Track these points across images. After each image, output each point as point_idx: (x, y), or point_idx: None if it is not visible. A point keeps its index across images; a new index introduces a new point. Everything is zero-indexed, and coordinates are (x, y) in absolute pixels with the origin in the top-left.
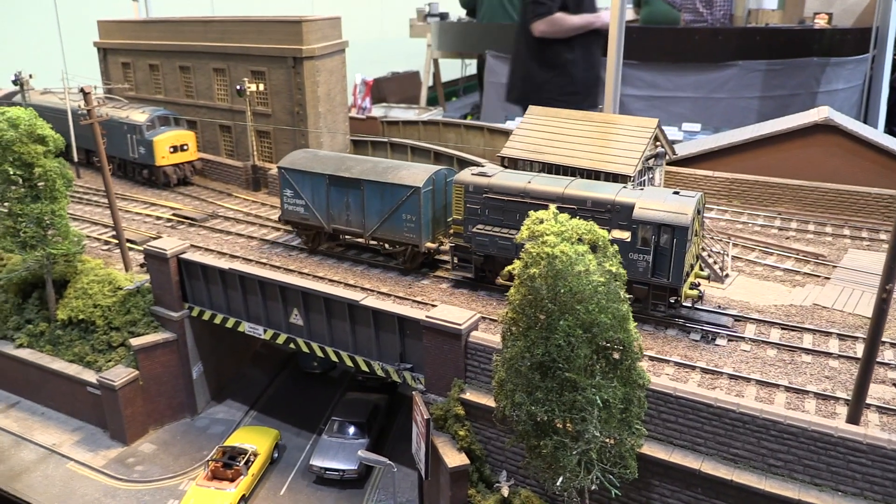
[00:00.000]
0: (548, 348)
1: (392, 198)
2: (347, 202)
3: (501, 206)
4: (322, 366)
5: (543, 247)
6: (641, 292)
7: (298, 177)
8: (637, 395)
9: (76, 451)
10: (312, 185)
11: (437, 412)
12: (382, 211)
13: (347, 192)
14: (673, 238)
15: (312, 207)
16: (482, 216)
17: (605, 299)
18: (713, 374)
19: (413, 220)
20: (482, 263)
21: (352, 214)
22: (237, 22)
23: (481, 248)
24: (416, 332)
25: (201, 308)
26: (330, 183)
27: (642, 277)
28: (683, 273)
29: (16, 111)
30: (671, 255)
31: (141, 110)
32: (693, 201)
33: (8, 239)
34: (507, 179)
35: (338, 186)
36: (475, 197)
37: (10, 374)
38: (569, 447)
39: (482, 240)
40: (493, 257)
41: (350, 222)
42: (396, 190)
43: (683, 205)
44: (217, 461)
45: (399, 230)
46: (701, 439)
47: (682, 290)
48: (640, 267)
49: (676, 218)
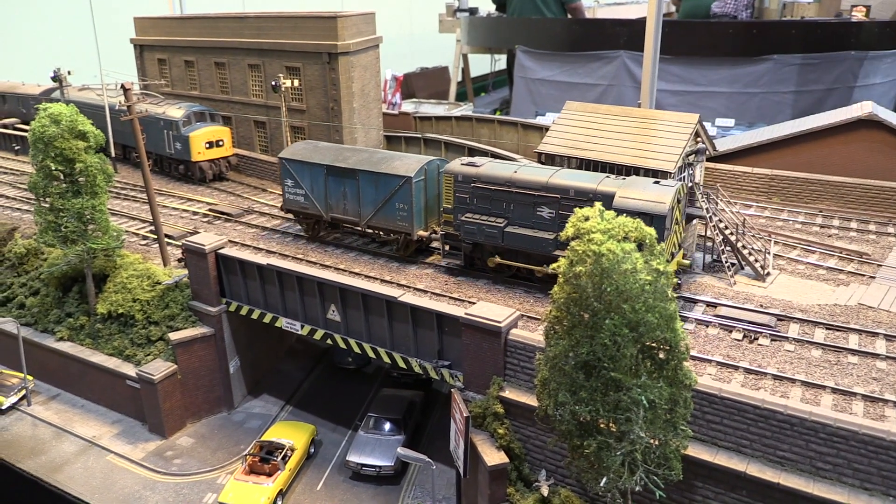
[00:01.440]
0: (593, 347)
1: (385, 187)
2: (344, 191)
3: (489, 195)
4: (356, 361)
5: (590, 244)
6: None
7: (298, 167)
8: (683, 396)
9: (116, 443)
10: (311, 175)
11: (476, 410)
12: (377, 200)
13: (344, 181)
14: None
15: (312, 196)
16: (471, 205)
17: (653, 298)
18: (757, 374)
19: (405, 208)
20: (471, 251)
21: (348, 203)
22: (272, 18)
23: (470, 235)
24: (455, 329)
25: (239, 303)
26: (328, 173)
27: None
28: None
29: (57, 107)
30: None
31: (177, 106)
32: (671, 191)
33: (49, 233)
34: (494, 169)
35: (335, 176)
36: (464, 186)
37: (51, 367)
38: (613, 447)
39: (470, 228)
40: (482, 245)
41: (347, 211)
42: (389, 180)
43: (662, 194)
44: (255, 456)
45: (392, 218)
46: (746, 441)
47: None
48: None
49: (655, 206)
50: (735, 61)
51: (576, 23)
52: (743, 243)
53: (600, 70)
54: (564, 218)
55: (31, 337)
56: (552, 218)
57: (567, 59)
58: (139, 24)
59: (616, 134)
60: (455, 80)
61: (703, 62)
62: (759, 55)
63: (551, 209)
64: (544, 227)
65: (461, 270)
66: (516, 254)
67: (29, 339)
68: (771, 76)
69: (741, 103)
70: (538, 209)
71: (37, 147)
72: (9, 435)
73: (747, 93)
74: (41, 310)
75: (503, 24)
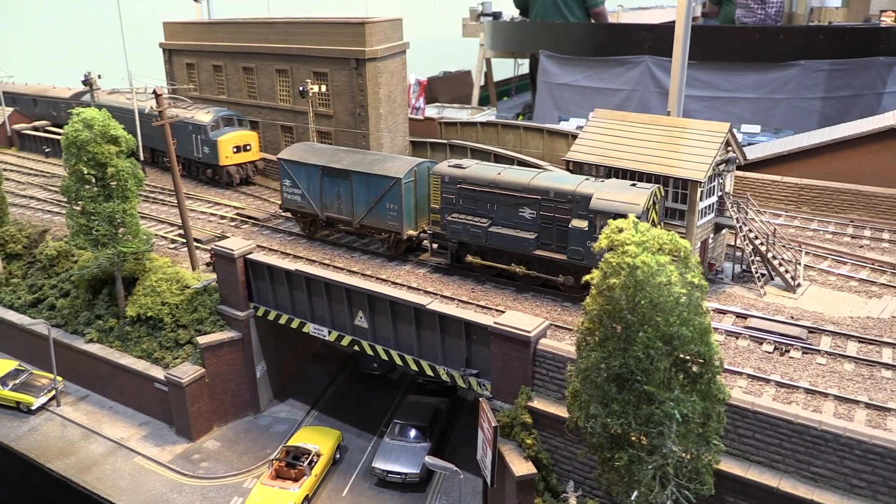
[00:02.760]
0: (626, 360)
1: (377, 188)
2: (339, 191)
3: (474, 195)
4: (381, 368)
5: (624, 257)
6: None
7: (295, 167)
8: (716, 410)
9: (143, 445)
10: (308, 176)
11: (504, 419)
12: (369, 200)
13: (338, 182)
14: None
15: (308, 196)
16: (457, 205)
17: (687, 311)
18: (788, 388)
19: (395, 208)
20: (457, 250)
21: (342, 203)
22: (300, 24)
23: (455, 235)
24: (483, 338)
25: (266, 308)
26: (323, 173)
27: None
28: None
29: (90, 112)
30: None
31: (206, 111)
32: (647, 193)
33: (81, 236)
34: (479, 171)
35: (330, 177)
36: (451, 187)
37: (80, 368)
38: (644, 461)
39: (456, 227)
40: (467, 244)
41: (341, 210)
42: (380, 180)
43: (637, 195)
44: (281, 460)
45: (383, 218)
46: (779, 456)
47: None
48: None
49: (629, 208)
50: (761, 66)
51: (600, 27)
52: (773, 253)
53: (624, 75)
54: (545, 218)
55: (60, 338)
56: (533, 218)
57: (591, 63)
58: (168, 28)
59: (645, 142)
60: (478, 84)
61: (728, 67)
62: (785, 60)
63: (532, 210)
64: (526, 228)
65: (447, 268)
66: (500, 253)
67: (59, 340)
68: (798, 82)
69: (767, 109)
70: (520, 210)
71: (70, 151)
72: (38, 435)
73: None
74: (71, 311)
75: (527, 28)
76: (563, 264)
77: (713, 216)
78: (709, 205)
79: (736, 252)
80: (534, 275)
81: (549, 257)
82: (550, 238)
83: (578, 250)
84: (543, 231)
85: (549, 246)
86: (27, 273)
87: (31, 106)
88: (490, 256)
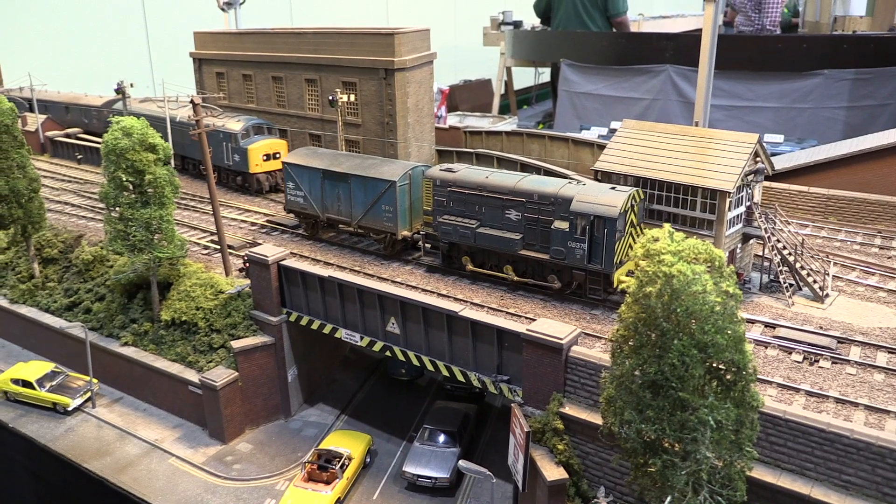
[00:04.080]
0: (661, 367)
1: (373, 190)
2: (338, 194)
3: (464, 198)
4: (410, 373)
5: (660, 266)
6: (580, 277)
7: (299, 171)
8: (750, 417)
9: (177, 447)
10: (310, 179)
11: (536, 425)
12: (366, 202)
13: (338, 184)
14: (604, 228)
15: (310, 198)
16: (448, 208)
17: (722, 319)
18: (818, 397)
19: (391, 210)
20: (448, 250)
21: (342, 205)
22: (330, 34)
23: (446, 236)
24: (515, 345)
25: (299, 314)
26: (324, 176)
27: (580, 264)
28: (615, 261)
29: (129, 121)
30: (603, 243)
31: (236, 119)
32: (624, 195)
33: (118, 242)
34: (468, 175)
35: (330, 180)
36: (441, 190)
37: (115, 371)
38: (678, 466)
39: (447, 229)
40: (457, 245)
41: (340, 212)
42: (377, 183)
43: (615, 198)
44: (313, 463)
45: (379, 219)
46: (810, 464)
47: (613, 276)
48: (578, 254)
49: (607, 210)
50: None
51: (621, 36)
52: (801, 264)
53: (646, 84)
54: (529, 220)
55: (96, 341)
56: (518, 220)
57: (612, 72)
58: (199, 38)
59: (674, 152)
60: (498, 92)
61: (750, 77)
62: (809, 70)
63: (518, 212)
64: (511, 229)
65: (439, 268)
66: (488, 254)
67: (94, 343)
68: (821, 91)
69: (790, 119)
70: (506, 212)
71: (109, 159)
72: (75, 436)
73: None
74: (107, 315)
75: (548, 37)
76: (548, 264)
77: (741, 226)
78: (737, 215)
79: (763, 262)
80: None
81: (534, 257)
82: (535, 239)
83: (560, 250)
84: (528, 232)
85: (533, 246)
86: (63, 277)
87: (64, 113)
88: (480, 257)
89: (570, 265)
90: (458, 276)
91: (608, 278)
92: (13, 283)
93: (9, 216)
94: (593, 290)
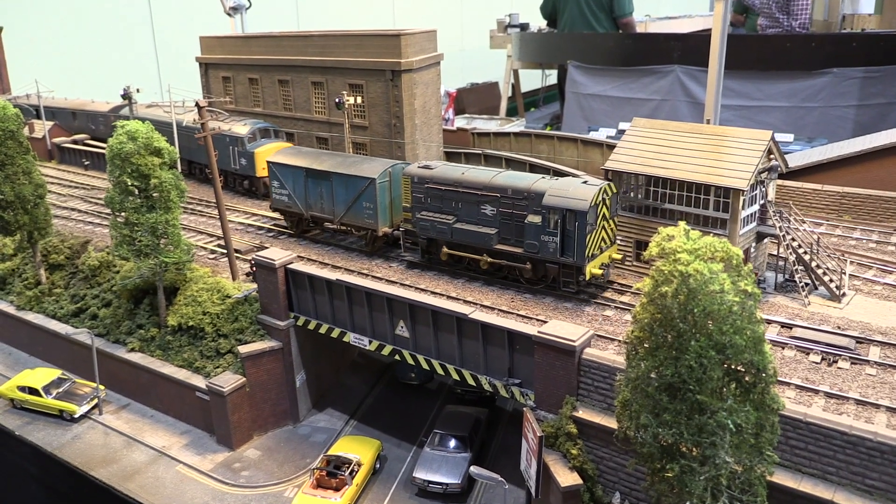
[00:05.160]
0: (678, 369)
1: (354, 188)
2: (321, 192)
3: (440, 194)
4: (419, 377)
5: (676, 265)
6: (553, 271)
7: (283, 170)
8: (770, 420)
9: (185, 454)
10: (294, 177)
11: (548, 430)
12: (347, 199)
13: (320, 182)
14: (576, 221)
15: (294, 196)
16: (426, 204)
17: (740, 320)
18: (838, 398)
19: (371, 207)
20: (426, 245)
21: (324, 202)
22: (336, 36)
23: (424, 231)
24: (526, 347)
25: (307, 318)
26: (307, 175)
27: (552, 257)
28: (586, 253)
29: (134, 125)
30: (575, 237)
31: (242, 123)
32: (595, 189)
33: (124, 247)
34: (445, 172)
35: (313, 178)
36: (419, 187)
37: (122, 377)
38: (696, 472)
39: (425, 224)
40: (435, 240)
41: (323, 209)
42: (357, 181)
43: (586, 192)
44: (322, 470)
45: (360, 216)
46: (832, 468)
47: (585, 268)
48: (550, 247)
49: (577, 204)
50: (793, 75)
51: (628, 37)
52: (817, 262)
53: (653, 85)
54: (504, 215)
55: (102, 347)
56: (494, 215)
57: (620, 73)
58: (205, 42)
59: (686, 151)
60: (505, 95)
61: (759, 76)
62: (817, 68)
63: (493, 207)
64: (487, 223)
65: (418, 263)
66: (465, 249)
67: (101, 349)
68: (831, 90)
69: (799, 118)
70: (482, 207)
71: (114, 163)
72: (82, 443)
73: (805, 107)
74: (113, 321)
75: (555, 39)
76: (521, 257)
77: (755, 225)
78: (751, 213)
79: (778, 261)
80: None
81: (509, 251)
82: (510, 233)
83: (534, 244)
84: (503, 226)
85: (508, 240)
86: (69, 283)
87: (71, 120)
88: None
89: (544, 258)
90: (437, 271)
91: (580, 270)
92: (20, 290)
93: (15, 222)
94: (567, 283)
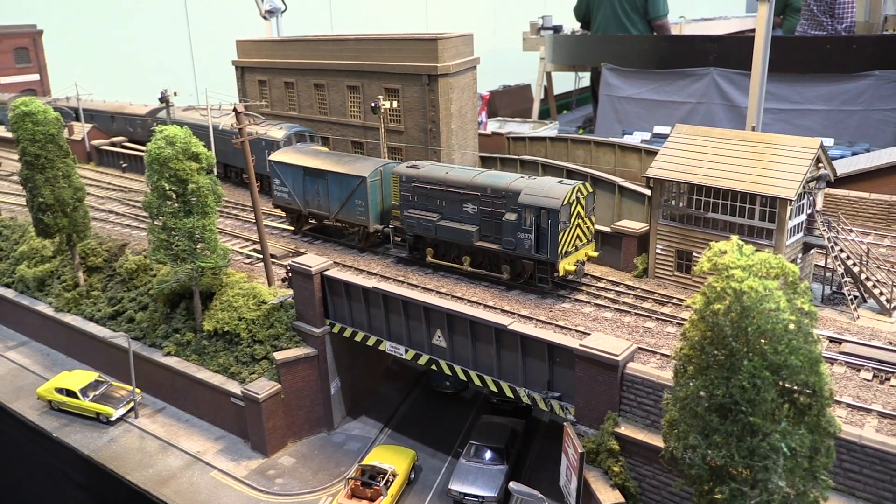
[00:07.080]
0: (729, 389)
1: (347, 186)
2: (318, 189)
3: (426, 193)
4: (454, 386)
5: (729, 281)
6: (529, 267)
7: (283, 168)
8: (826, 444)
9: (219, 459)
10: (293, 175)
11: (589, 445)
12: (341, 197)
13: (317, 181)
14: (549, 219)
15: (294, 194)
16: (413, 202)
17: (796, 339)
18: (893, 418)
19: (363, 204)
20: (413, 242)
21: (321, 200)
22: (372, 40)
23: (411, 228)
24: (567, 360)
25: (342, 325)
26: (305, 173)
27: (528, 253)
28: (559, 250)
29: (172, 129)
30: (549, 234)
31: (278, 127)
32: (568, 188)
33: (161, 251)
34: (431, 171)
35: (311, 176)
36: (407, 186)
37: (158, 381)
38: (747, 495)
39: (412, 222)
40: (422, 237)
41: (320, 206)
42: (350, 179)
43: (559, 191)
44: (357, 479)
45: (353, 213)
46: (889, 493)
47: (558, 265)
48: (526, 245)
49: (550, 202)
50: (833, 78)
51: (664, 40)
52: (867, 275)
53: (689, 87)
54: (484, 212)
55: (139, 351)
56: (475, 213)
57: (654, 76)
58: (241, 46)
59: (731, 158)
60: (538, 97)
61: (798, 79)
62: (859, 71)
63: (474, 205)
64: (469, 221)
65: (406, 259)
66: (449, 245)
67: (137, 352)
68: (872, 93)
69: (839, 121)
70: (464, 205)
71: (152, 168)
72: (117, 446)
73: (846, 110)
74: (149, 325)
75: (589, 41)
76: (500, 255)
77: (802, 235)
78: (798, 223)
79: (825, 273)
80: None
81: (489, 248)
82: (490, 230)
83: (511, 241)
84: (483, 224)
85: (488, 238)
86: (107, 286)
87: (109, 122)
88: (442, 249)
89: (520, 255)
90: (425, 266)
91: (554, 267)
92: (58, 292)
93: (54, 225)
94: (542, 280)
